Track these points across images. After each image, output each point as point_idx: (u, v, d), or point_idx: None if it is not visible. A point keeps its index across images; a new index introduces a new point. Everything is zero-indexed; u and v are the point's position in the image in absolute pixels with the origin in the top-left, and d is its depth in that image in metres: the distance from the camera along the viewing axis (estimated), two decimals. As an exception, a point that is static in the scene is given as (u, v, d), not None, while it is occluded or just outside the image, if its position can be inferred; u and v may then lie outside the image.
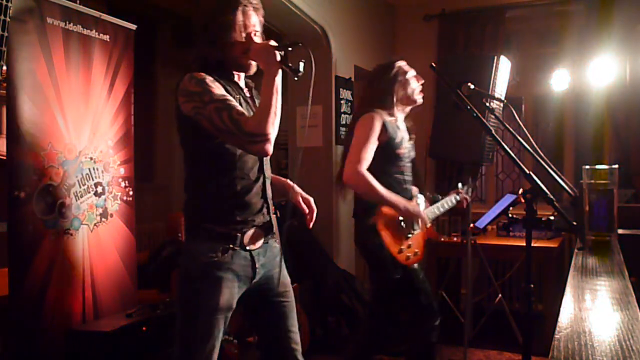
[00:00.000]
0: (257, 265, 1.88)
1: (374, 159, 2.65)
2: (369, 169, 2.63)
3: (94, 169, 2.96)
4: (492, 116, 3.10)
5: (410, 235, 2.73)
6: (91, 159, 2.95)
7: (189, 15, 5.29)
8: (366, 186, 2.60)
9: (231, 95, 1.79)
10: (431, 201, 3.00)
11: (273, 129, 1.71)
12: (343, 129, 4.46)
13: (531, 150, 2.23)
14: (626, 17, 4.29)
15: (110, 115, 3.09)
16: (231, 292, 1.82)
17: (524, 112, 5.03)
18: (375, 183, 2.61)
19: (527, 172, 1.72)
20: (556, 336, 0.96)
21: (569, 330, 1.00)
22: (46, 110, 2.68)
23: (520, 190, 1.73)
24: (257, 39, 1.87)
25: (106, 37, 3.04)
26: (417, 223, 2.78)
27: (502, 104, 3.24)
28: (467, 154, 3.35)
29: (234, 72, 1.91)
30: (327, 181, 4.30)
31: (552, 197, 1.69)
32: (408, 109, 2.86)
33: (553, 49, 4.85)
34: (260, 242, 1.89)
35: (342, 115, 4.46)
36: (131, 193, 3.23)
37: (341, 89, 4.43)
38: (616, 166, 1.87)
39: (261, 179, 1.89)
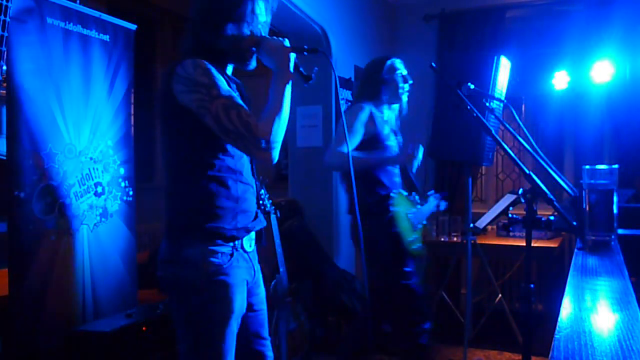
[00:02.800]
0: (254, 268, 1.80)
1: (361, 149, 2.76)
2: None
3: (94, 169, 2.96)
4: (492, 116, 3.10)
5: (416, 229, 2.89)
6: (91, 159, 2.95)
7: (189, 15, 5.29)
8: (345, 161, 2.44)
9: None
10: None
11: (281, 135, 1.62)
12: (343, 129, 4.45)
13: (531, 150, 2.23)
14: (626, 17, 4.28)
15: (110, 115, 3.08)
16: (243, 297, 1.72)
17: (524, 112, 5.04)
18: (356, 154, 2.68)
19: (527, 172, 1.72)
20: (556, 336, 0.96)
21: (569, 330, 1.00)
22: (46, 110, 2.68)
23: (521, 190, 1.73)
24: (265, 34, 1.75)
25: (106, 37, 3.04)
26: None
27: (502, 104, 3.23)
28: (467, 154, 3.35)
29: (229, 64, 1.74)
30: (326, 181, 4.30)
31: (552, 197, 1.69)
32: (395, 106, 2.99)
33: (553, 49, 4.84)
34: (253, 244, 1.80)
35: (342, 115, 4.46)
36: (131, 193, 3.23)
37: (341, 89, 4.43)
38: (616, 166, 1.86)
39: (254, 183, 1.79)
